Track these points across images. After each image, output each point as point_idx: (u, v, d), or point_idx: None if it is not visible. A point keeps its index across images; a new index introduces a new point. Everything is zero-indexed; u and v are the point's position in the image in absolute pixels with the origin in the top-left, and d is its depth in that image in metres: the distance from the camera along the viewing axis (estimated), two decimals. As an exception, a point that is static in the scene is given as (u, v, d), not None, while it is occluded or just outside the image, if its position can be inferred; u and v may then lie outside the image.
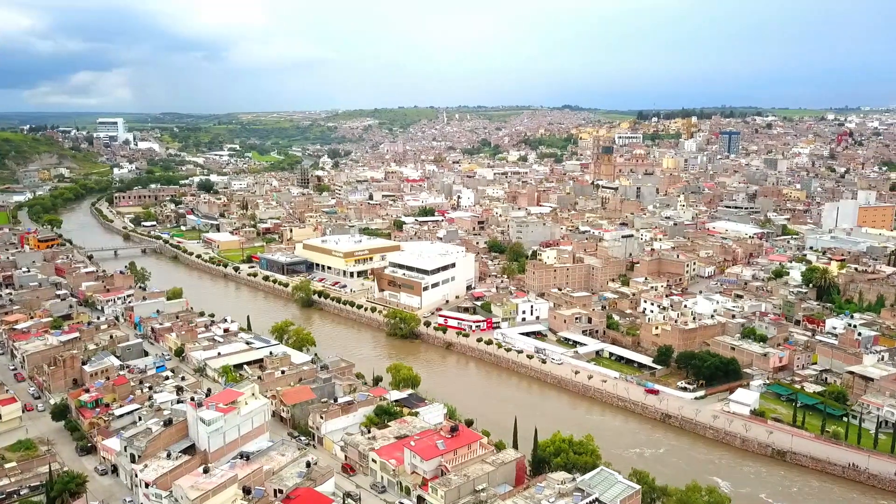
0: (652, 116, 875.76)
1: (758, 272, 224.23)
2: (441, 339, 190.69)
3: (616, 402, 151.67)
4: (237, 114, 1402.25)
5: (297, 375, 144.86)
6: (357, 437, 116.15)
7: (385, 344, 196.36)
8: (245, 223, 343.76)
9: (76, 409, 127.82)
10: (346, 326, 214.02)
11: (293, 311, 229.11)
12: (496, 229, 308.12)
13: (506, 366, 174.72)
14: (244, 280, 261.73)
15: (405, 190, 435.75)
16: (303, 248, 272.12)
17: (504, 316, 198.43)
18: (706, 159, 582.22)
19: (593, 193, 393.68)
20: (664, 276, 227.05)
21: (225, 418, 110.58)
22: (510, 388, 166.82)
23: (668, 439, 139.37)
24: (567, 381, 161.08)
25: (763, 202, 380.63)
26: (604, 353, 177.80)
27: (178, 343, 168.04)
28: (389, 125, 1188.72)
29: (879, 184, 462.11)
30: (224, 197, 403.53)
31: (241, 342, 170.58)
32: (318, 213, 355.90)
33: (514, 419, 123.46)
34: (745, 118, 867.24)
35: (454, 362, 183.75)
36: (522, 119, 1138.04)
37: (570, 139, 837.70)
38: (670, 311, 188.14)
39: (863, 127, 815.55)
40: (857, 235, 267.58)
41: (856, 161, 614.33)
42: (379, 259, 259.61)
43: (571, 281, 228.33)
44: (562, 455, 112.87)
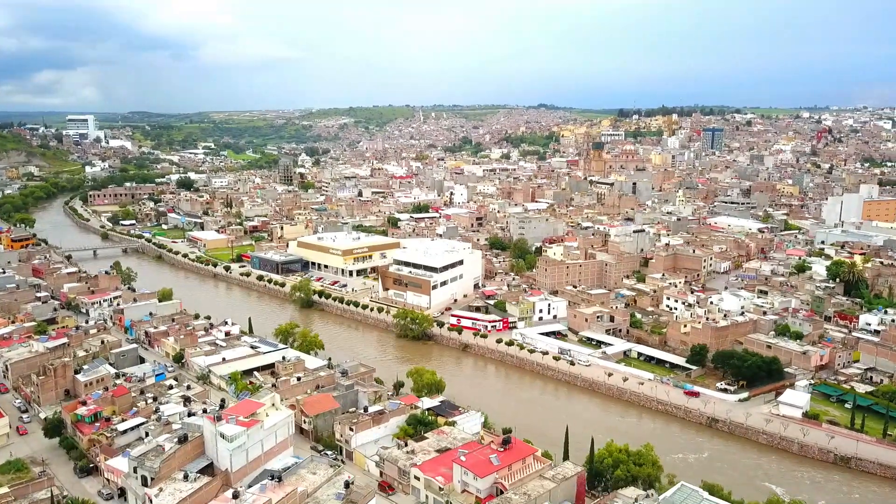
0: (633, 114, 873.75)
1: (776, 267, 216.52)
2: (456, 341, 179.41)
3: (655, 405, 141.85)
4: (208, 112, 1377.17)
5: (313, 382, 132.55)
6: (394, 452, 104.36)
7: (395, 346, 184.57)
8: (231, 221, 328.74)
9: (72, 425, 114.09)
10: (349, 328, 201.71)
11: (291, 312, 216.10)
12: (495, 226, 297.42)
13: (530, 368, 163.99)
14: (236, 280, 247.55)
15: (394, 186, 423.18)
16: (297, 246, 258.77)
17: (521, 315, 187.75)
18: (693, 155, 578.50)
19: (589, 189, 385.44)
20: (681, 271, 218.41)
21: (248, 433, 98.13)
22: (536, 391, 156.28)
23: (712, 444, 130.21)
24: (599, 383, 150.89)
25: (759, 197, 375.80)
26: (631, 353, 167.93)
27: (176, 348, 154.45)
28: (365, 123, 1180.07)
29: (868, 179, 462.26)
30: (207, 194, 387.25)
31: (246, 346, 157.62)
32: (308, 210, 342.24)
33: (566, 428, 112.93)
34: (724, 116, 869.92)
35: (471, 365, 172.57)
36: (499, 118, 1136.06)
37: (552, 137, 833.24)
38: (697, 309, 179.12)
39: (839, 125, 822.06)
40: (867, 229, 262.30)
41: (838, 158, 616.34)
42: (378, 257, 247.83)
43: (584, 278, 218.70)
44: (621, 467, 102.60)
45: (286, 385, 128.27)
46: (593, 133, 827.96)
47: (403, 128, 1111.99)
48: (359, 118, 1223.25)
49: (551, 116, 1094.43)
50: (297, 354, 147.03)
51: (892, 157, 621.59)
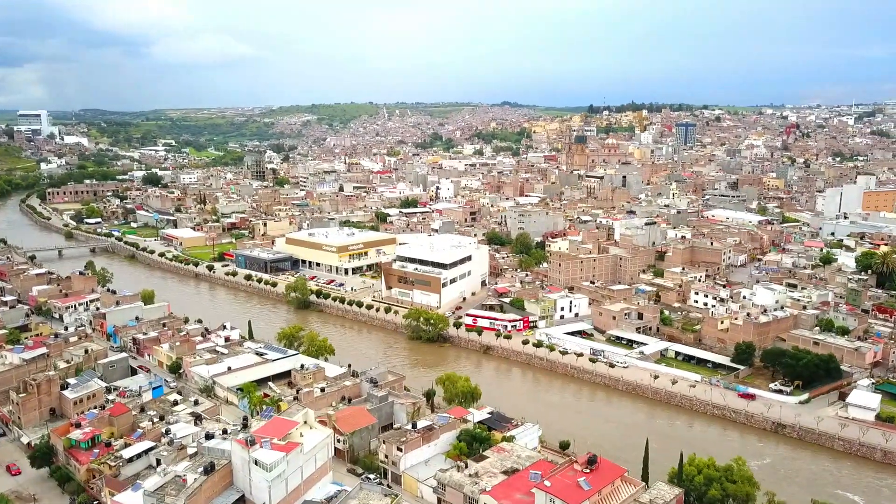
0: (603, 110, 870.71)
1: (797, 259, 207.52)
2: (476, 342, 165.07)
3: (710, 410, 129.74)
4: (165, 110, 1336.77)
5: (338, 393, 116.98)
6: (454, 475, 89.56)
7: (407, 349, 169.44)
8: (206, 218, 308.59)
9: (65, 451, 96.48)
10: (352, 330, 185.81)
11: (286, 314, 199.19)
12: (491, 220, 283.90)
13: (562, 371, 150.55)
14: (221, 280, 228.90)
15: (374, 181, 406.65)
16: (285, 243, 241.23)
17: (542, 314, 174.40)
18: (671, 150, 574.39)
19: (578, 183, 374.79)
20: (699, 265, 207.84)
21: (287, 459, 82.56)
22: (571, 396, 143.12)
23: (777, 451, 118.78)
24: (644, 387, 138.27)
25: (748, 191, 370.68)
26: (668, 353, 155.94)
27: (172, 357, 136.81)
28: (329, 121, 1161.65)
29: (847, 172, 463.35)
30: (178, 191, 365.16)
31: (250, 353, 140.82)
32: (288, 205, 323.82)
33: (646, 441, 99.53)
34: (692, 112, 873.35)
35: (494, 369, 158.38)
36: (464, 115, 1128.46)
37: (523, 133, 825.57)
38: (731, 304, 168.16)
39: (803, 121, 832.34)
40: (874, 220, 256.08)
41: (809, 152, 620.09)
42: (374, 253, 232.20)
43: (598, 273, 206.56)
44: (714, 485, 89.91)
45: (309, 397, 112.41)
46: (564, 129, 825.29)
47: (368, 125, 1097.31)
48: (322, 115, 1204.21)
49: (516, 114, 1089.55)
50: (315, 362, 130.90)
51: (861, 152, 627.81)
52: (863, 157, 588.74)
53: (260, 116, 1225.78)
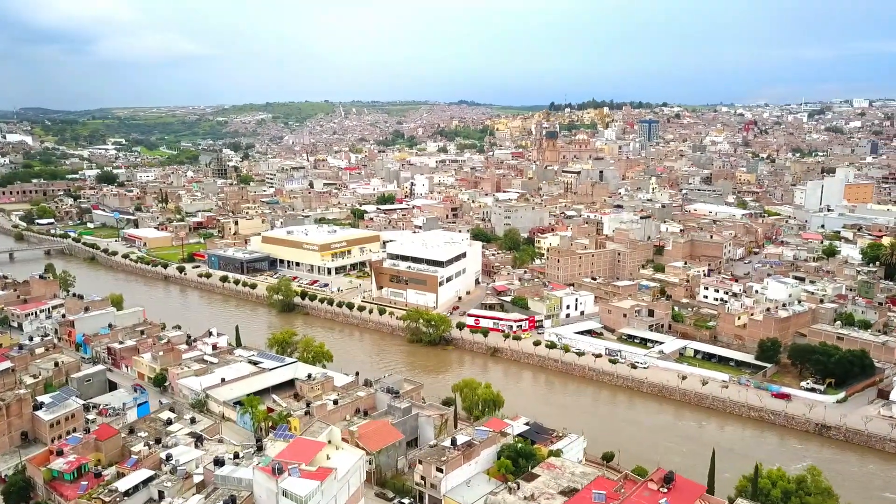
0: (565, 107, 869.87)
1: (797, 252, 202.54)
2: (482, 344, 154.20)
3: (744, 412, 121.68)
4: (111, 109, 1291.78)
5: (352, 406, 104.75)
6: (507, 498, 78.60)
7: (406, 353, 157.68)
8: (170, 217, 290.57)
9: (46, 485, 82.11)
10: (343, 333, 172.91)
11: (268, 317, 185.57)
12: (474, 216, 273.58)
13: (579, 373, 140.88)
14: (194, 282, 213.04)
15: (344, 178, 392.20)
16: (261, 241, 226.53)
17: (548, 312, 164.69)
18: (638, 146, 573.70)
19: (555, 178, 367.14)
20: (699, 259, 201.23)
21: (321, 488, 70.43)
22: (591, 400, 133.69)
23: (821, 454, 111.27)
24: (671, 388, 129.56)
25: (723, 185, 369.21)
26: (686, 351, 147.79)
27: (155, 368, 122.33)
28: (284, 119, 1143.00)
29: (813, 166, 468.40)
30: (136, 189, 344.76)
31: (242, 361, 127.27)
32: (257, 203, 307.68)
33: (713, 453, 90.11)
34: (652, 109, 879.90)
35: (502, 372, 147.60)
36: (422, 113, 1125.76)
37: (486, 130, 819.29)
38: (744, 298, 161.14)
39: (760, 118, 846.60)
40: (862, 212, 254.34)
41: (770, 148, 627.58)
42: (358, 252, 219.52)
43: (597, 269, 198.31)
44: (792, 499, 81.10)
45: (322, 411, 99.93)
46: (535, 126, 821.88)
47: (325, 123, 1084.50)
48: (277, 114, 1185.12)
49: (474, 112, 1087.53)
50: (321, 370, 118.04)
51: (819, 147, 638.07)
52: (821, 153, 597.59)
53: (213, 115, 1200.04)
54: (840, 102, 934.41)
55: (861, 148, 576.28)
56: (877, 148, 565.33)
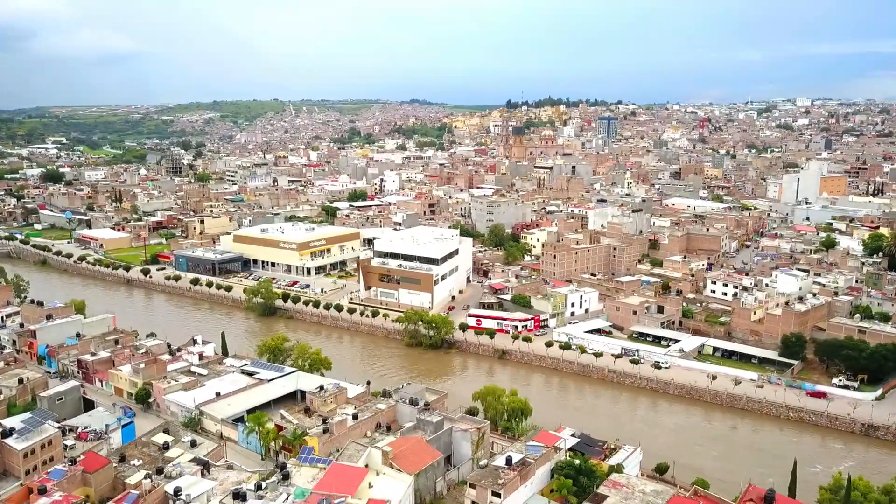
0: (522, 105, 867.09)
1: (794, 244, 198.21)
2: (489, 347, 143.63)
3: (782, 412, 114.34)
4: (49, 108, 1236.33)
5: (372, 420, 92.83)
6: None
7: (405, 357, 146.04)
8: (127, 217, 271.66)
9: (27, 531, 68.07)
10: (332, 338, 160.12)
11: (245, 322, 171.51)
12: (453, 213, 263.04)
13: (598, 375, 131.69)
14: (161, 286, 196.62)
15: (309, 175, 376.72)
16: (233, 241, 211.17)
17: (553, 311, 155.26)
18: (601, 142, 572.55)
19: (528, 174, 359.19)
20: (696, 253, 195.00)
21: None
22: (611, 402, 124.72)
23: (861, 454, 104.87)
24: (700, 389, 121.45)
25: (694, 180, 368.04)
26: (704, 349, 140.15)
27: (137, 382, 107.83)
28: (233, 118, 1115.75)
29: (774, 162, 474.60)
30: (87, 188, 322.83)
31: (235, 372, 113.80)
32: (220, 201, 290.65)
33: (794, 463, 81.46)
34: (608, 106, 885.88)
35: (510, 375, 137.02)
36: (374, 112, 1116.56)
37: (444, 128, 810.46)
38: (755, 292, 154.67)
39: (713, 115, 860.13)
40: (843, 204, 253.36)
41: (726, 144, 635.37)
42: (338, 250, 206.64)
43: (592, 264, 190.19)
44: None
45: (342, 428, 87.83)
46: (480, 125, 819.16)
47: (275, 122, 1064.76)
48: (225, 112, 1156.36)
49: (427, 111, 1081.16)
50: (330, 381, 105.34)
51: (773, 144, 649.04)
52: (776, 149, 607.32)
53: (157, 114, 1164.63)
54: (783, 101, 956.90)
55: (816, 144, 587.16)
56: (830, 144, 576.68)
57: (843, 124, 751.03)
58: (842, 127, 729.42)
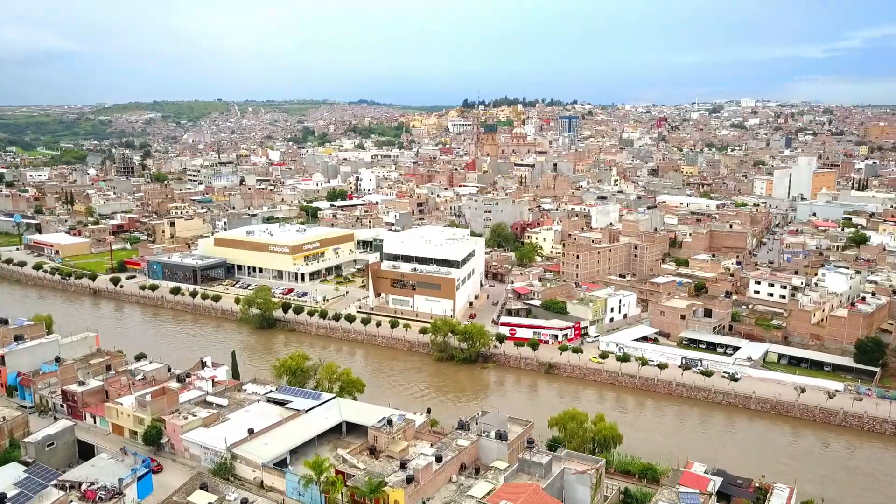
0: (478, 105, 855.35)
1: (818, 241, 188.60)
2: (532, 360, 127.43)
3: (887, 429, 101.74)
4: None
5: (456, 462, 75.41)
6: None
7: (437, 374, 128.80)
8: (82, 220, 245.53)
9: None
10: (342, 353, 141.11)
11: (239, 336, 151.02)
12: (446, 212, 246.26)
13: (664, 390, 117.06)
14: (134, 297, 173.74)
15: (275, 174, 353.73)
16: (214, 245, 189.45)
17: (594, 317, 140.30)
18: (568, 141, 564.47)
19: (510, 172, 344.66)
20: (722, 250, 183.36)
21: None
22: (676, 420, 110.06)
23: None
24: (787, 404, 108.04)
25: (674, 176, 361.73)
26: (767, 356, 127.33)
27: (144, 418, 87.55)
28: (176, 118, 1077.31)
29: (745, 159, 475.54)
30: (32, 189, 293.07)
31: (260, 400, 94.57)
32: (186, 202, 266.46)
33: None
34: (564, 107, 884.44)
35: (558, 391, 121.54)
36: (322, 112, 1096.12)
37: (401, 127, 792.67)
38: (809, 293, 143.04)
39: (670, 115, 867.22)
40: (846, 199, 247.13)
41: (687, 143, 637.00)
42: (332, 253, 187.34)
43: (614, 265, 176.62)
44: None
45: (427, 474, 70.29)
46: (439, 124, 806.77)
47: (220, 122, 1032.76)
48: (167, 112, 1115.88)
49: (375, 111, 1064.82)
50: (399, 413, 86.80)
51: (730, 142, 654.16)
52: (736, 147, 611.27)
53: (94, 114, 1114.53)
54: (726, 102, 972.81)
55: (776, 142, 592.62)
56: (790, 142, 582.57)
57: (792, 124, 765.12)
58: (793, 127, 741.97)
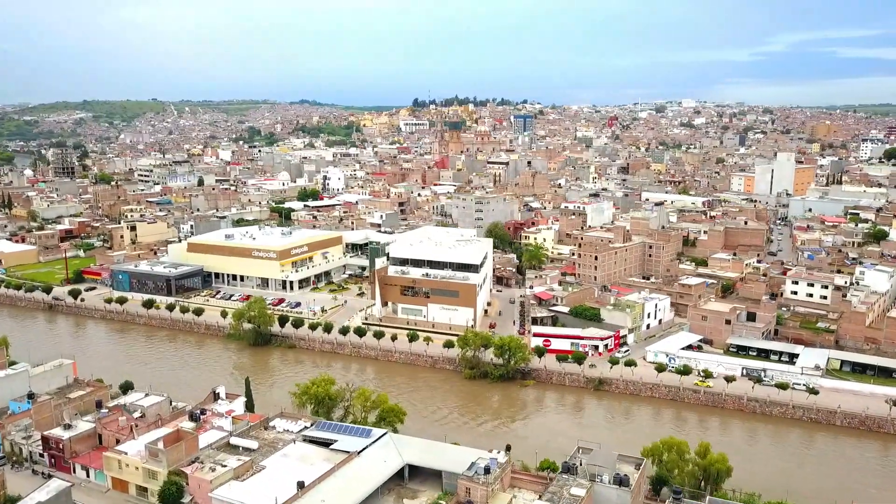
0: (430, 104, 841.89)
1: (834, 238, 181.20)
2: (578, 375, 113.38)
3: None
4: None
5: (573, 515, 60.40)
6: None
7: (470, 394, 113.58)
8: (25, 225, 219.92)
9: None
10: (350, 370, 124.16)
11: (226, 354, 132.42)
12: (430, 211, 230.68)
13: (734, 406, 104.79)
14: (99, 311, 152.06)
15: (233, 173, 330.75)
16: (187, 250, 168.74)
17: (633, 324, 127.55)
18: (528, 139, 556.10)
19: (484, 170, 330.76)
20: (740, 248, 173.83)
21: None
22: (745, 439, 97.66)
23: None
24: (879, 418, 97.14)
25: (647, 174, 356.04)
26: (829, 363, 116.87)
27: (158, 472, 69.39)
28: (108, 118, 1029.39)
29: (707, 157, 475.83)
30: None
31: (295, 439, 77.47)
32: (143, 204, 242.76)
33: None
34: (514, 106, 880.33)
35: (607, 410, 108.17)
36: (264, 112, 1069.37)
37: (351, 126, 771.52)
38: (856, 292, 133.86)
39: (621, 114, 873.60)
40: (836, 195, 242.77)
41: (641, 142, 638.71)
42: (320, 258, 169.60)
43: (629, 265, 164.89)
44: None
45: (553, 539, 54.90)
46: (391, 123, 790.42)
47: (157, 122, 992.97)
48: (98, 112, 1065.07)
49: (319, 111, 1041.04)
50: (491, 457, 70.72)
51: (682, 141, 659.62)
52: (688, 146, 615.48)
53: (17, 114, 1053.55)
54: (667, 102, 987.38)
55: (730, 140, 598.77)
56: (744, 140, 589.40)
57: (738, 123, 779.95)
58: (739, 125, 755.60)
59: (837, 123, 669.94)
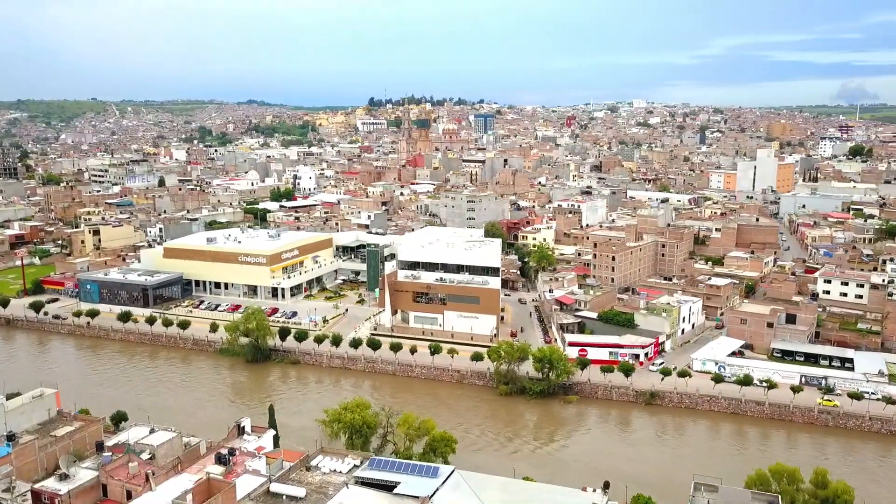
0: (386, 103, 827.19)
1: (845, 235, 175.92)
2: (626, 389, 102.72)
3: None
4: None
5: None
6: None
7: (511, 414, 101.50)
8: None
9: None
10: (362, 388, 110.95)
11: (216, 374, 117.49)
12: (419, 212, 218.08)
13: (804, 419, 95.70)
14: (66, 327, 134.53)
15: (193, 173, 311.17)
16: (164, 256, 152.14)
17: (671, 329, 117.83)
18: (493, 138, 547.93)
19: (461, 168, 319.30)
20: (753, 247, 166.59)
21: None
22: (820, 455, 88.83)
23: None
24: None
25: (621, 172, 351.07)
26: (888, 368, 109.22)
27: (188, 535, 55.29)
28: (45, 118, 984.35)
29: (677, 155, 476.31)
30: None
31: (349, 484, 64.15)
32: (101, 206, 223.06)
33: None
34: (472, 106, 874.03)
35: (657, 428, 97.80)
36: (210, 112, 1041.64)
37: (307, 126, 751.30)
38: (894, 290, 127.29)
39: (578, 114, 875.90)
40: (826, 191, 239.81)
41: (601, 141, 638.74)
42: (311, 262, 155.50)
43: (643, 265, 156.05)
44: None
45: None
46: (347, 122, 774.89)
47: (98, 123, 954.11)
48: (34, 112, 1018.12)
49: (268, 111, 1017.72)
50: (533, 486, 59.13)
51: (641, 140, 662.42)
52: (650, 144, 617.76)
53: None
54: (618, 103, 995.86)
55: (691, 139, 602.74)
56: (704, 138, 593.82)
57: (692, 122, 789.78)
58: (694, 125, 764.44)
59: (789, 123, 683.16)
